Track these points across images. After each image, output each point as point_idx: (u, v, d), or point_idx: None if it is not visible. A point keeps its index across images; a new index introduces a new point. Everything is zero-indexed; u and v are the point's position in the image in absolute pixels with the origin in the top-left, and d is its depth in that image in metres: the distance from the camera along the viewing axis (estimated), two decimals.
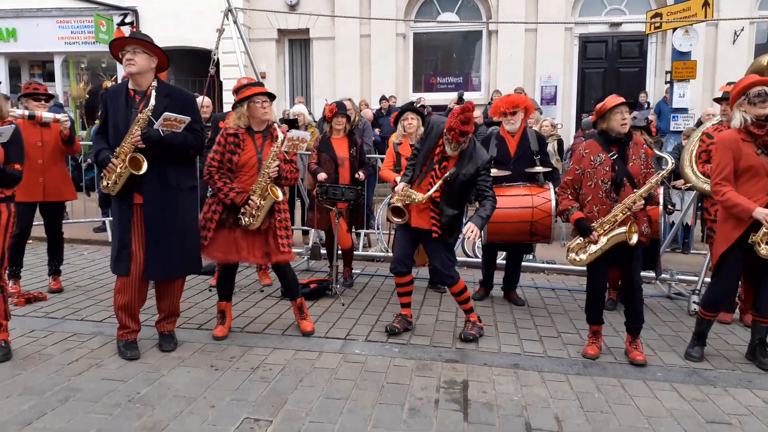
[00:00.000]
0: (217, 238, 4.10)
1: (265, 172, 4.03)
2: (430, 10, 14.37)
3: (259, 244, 4.15)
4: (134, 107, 3.73)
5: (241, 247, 4.10)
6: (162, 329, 4.08)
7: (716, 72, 12.74)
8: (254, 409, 3.18)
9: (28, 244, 5.35)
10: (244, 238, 4.10)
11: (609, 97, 3.97)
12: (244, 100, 4.10)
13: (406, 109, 5.72)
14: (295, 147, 4.17)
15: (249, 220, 4.03)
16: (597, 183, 3.91)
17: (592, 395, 3.48)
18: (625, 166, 3.88)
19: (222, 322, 4.34)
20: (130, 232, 3.78)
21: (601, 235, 3.86)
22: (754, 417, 3.25)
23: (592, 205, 3.94)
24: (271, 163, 4.04)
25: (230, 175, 4.10)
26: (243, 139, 4.10)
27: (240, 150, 4.08)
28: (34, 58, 15.50)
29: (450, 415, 3.19)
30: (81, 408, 3.14)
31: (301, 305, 4.44)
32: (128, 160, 3.64)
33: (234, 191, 4.02)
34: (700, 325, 4.11)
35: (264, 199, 4.02)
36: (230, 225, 4.10)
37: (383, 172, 5.78)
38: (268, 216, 4.12)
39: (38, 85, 5.39)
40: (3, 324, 3.82)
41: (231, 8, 6.83)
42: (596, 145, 3.97)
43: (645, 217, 3.97)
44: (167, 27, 14.05)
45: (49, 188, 5.17)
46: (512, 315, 5.02)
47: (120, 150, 3.68)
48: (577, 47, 14.00)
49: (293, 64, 15.17)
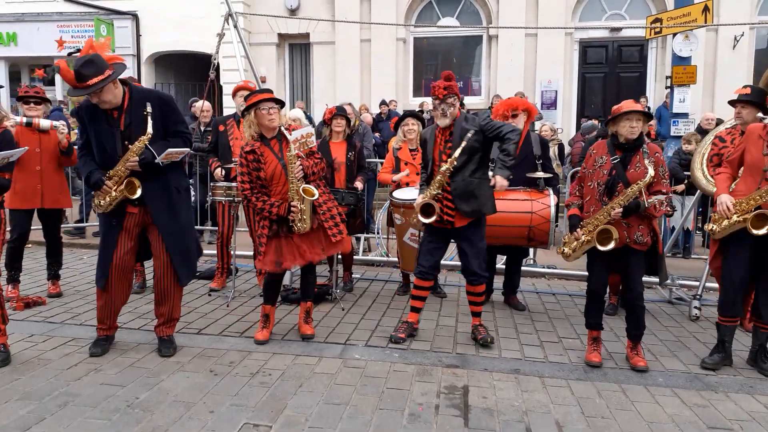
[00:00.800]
0: (273, 248, 4.17)
1: (291, 178, 4.07)
2: (430, 14, 14.40)
3: (316, 242, 4.24)
4: (116, 126, 3.72)
5: (304, 251, 4.18)
6: (161, 334, 4.07)
7: (716, 77, 12.77)
8: (254, 415, 3.16)
9: (26, 248, 5.34)
10: (303, 241, 4.17)
11: (625, 102, 3.93)
12: (250, 107, 4.10)
13: (407, 114, 5.74)
14: (304, 144, 4.20)
15: (300, 225, 4.09)
16: (594, 185, 3.93)
17: (593, 401, 3.47)
18: (624, 171, 3.85)
19: (265, 325, 4.34)
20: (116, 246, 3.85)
21: (583, 234, 3.92)
22: (756, 423, 3.24)
23: (590, 205, 3.97)
24: (294, 166, 4.07)
25: (264, 191, 4.14)
26: (262, 152, 4.11)
27: (263, 164, 4.10)
28: (34, 62, 15.51)
29: (450, 420, 3.17)
30: (80, 413, 3.13)
31: (310, 309, 4.50)
32: (125, 185, 3.73)
33: (274, 206, 4.07)
34: (719, 332, 4.09)
35: (302, 202, 4.07)
36: (285, 234, 4.15)
37: (381, 175, 5.79)
38: (314, 213, 4.19)
39: (29, 89, 5.36)
40: (1, 328, 3.78)
41: (231, 13, 6.85)
42: (604, 147, 3.98)
43: (642, 226, 3.86)
44: (167, 31, 14.11)
45: (47, 195, 5.16)
46: (513, 320, 5.01)
47: (114, 173, 3.73)
48: (578, 52, 14.03)
49: (293, 68, 15.21)
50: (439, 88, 4.12)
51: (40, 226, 5.38)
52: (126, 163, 3.70)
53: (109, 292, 3.92)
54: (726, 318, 4.03)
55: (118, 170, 3.73)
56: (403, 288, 5.81)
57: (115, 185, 3.74)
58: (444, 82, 4.13)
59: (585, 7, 13.84)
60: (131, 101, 3.71)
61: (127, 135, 3.72)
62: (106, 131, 3.72)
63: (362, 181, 5.67)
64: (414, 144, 5.61)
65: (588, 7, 13.85)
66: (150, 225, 3.91)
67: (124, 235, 3.89)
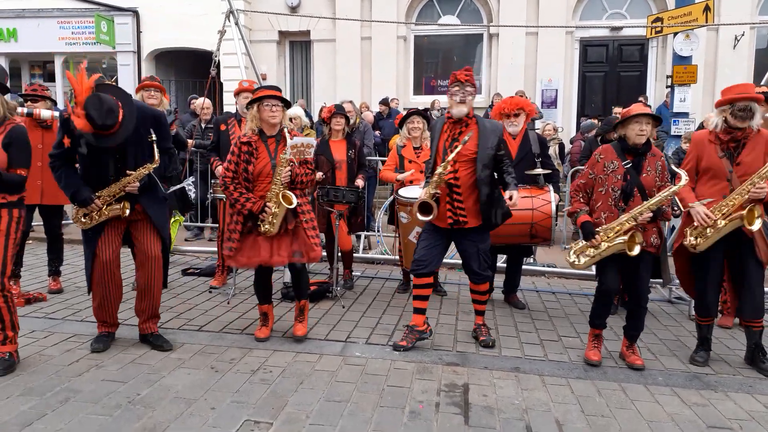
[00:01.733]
0: (242, 245, 4.11)
1: (277, 180, 4.02)
2: (431, 12, 14.39)
3: (285, 245, 4.12)
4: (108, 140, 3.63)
5: (263, 249, 4.07)
6: (148, 331, 4.08)
7: (717, 76, 12.78)
8: (254, 412, 3.17)
9: (27, 244, 5.35)
10: (267, 240, 4.08)
11: (634, 105, 3.95)
12: (254, 101, 4.08)
13: (412, 112, 5.73)
14: (301, 154, 4.08)
15: (267, 227, 4.03)
16: (608, 190, 3.88)
17: (593, 399, 3.48)
18: (638, 176, 3.83)
19: (265, 323, 4.36)
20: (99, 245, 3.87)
21: (603, 241, 3.85)
22: (755, 422, 3.25)
23: (601, 211, 3.92)
24: (283, 169, 4.01)
25: (247, 185, 4.08)
26: (257, 147, 4.07)
27: (254, 159, 4.06)
28: (34, 58, 15.51)
29: (451, 418, 3.18)
30: (81, 409, 3.13)
31: (304, 307, 4.41)
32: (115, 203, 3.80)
33: (250, 201, 4.02)
34: (700, 330, 4.16)
35: (278, 207, 4.00)
36: (252, 231, 4.11)
37: (384, 173, 5.79)
38: (294, 217, 4.10)
39: (35, 86, 5.36)
40: (9, 335, 3.63)
41: (232, 10, 6.85)
42: (612, 152, 3.93)
43: (654, 228, 3.90)
44: (168, 28, 14.10)
45: (47, 191, 5.15)
46: (513, 318, 5.02)
47: (108, 192, 3.77)
48: (578, 51, 14.03)
49: (294, 65, 15.19)
50: (461, 72, 4.08)
51: (40, 222, 5.38)
52: (125, 186, 3.76)
53: (101, 292, 3.92)
54: (706, 319, 4.11)
55: (112, 190, 3.77)
56: (403, 286, 5.81)
57: (104, 204, 3.79)
58: (465, 70, 4.12)
59: (586, 6, 13.84)
60: (125, 119, 3.61)
61: (121, 150, 3.72)
62: (98, 148, 3.63)
63: (363, 179, 5.68)
64: (418, 142, 5.62)
65: (589, 6, 13.85)
66: (139, 222, 3.92)
67: (110, 232, 3.90)
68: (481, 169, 4.05)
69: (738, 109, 3.81)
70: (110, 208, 3.80)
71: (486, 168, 4.06)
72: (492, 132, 4.11)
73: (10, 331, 3.62)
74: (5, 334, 3.60)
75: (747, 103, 3.80)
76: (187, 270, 6.28)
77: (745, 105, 3.79)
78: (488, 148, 4.06)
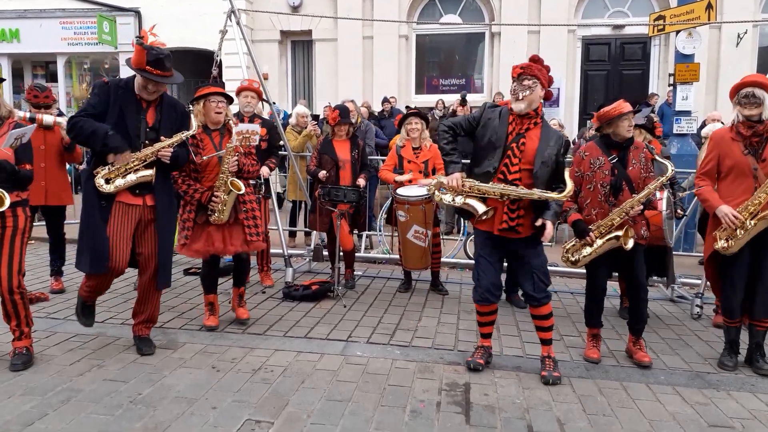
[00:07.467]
0: (196, 236, 4.31)
1: (225, 168, 4.20)
2: (432, 11, 14.37)
3: (236, 235, 4.36)
4: (143, 114, 3.83)
5: (217, 240, 4.31)
6: (140, 333, 4.06)
7: (719, 75, 12.72)
8: (256, 411, 3.17)
9: (29, 244, 5.34)
10: (218, 231, 4.32)
11: (618, 103, 3.86)
12: (200, 98, 4.33)
13: (410, 113, 5.73)
14: (247, 141, 4.26)
15: (218, 215, 4.23)
16: (596, 186, 3.90)
17: (595, 398, 3.47)
18: (625, 170, 3.87)
19: (212, 312, 4.57)
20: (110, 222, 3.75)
21: (597, 237, 3.86)
22: (757, 421, 3.24)
23: (591, 208, 3.93)
24: (230, 158, 4.20)
25: (195, 175, 4.31)
26: (201, 139, 4.31)
27: (201, 150, 4.28)
28: (36, 58, 15.51)
29: (452, 417, 3.18)
30: (82, 409, 3.14)
31: (242, 294, 4.74)
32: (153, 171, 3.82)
33: (198, 191, 4.23)
34: (728, 333, 4.07)
35: (227, 194, 4.20)
36: (204, 222, 4.30)
37: (383, 173, 5.79)
38: (235, 209, 4.33)
39: (39, 92, 5.29)
40: (25, 331, 3.72)
41: (234, 10, 6.83)
42: (596, 149, 3.96)
43: (643, 220, 3.96)
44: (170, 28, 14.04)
45: (50, 192, 5.18)
46: (514, 317, 5.01)
47: (141, 155, 3.77)
48: (580, 49, 13.98)
49: (296, 65, 15.18)
50: (517, 66, 3.67)
51: (40, 222, 5.39)
52: (158, 150, 3.77)
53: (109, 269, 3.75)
54: (734, 321, 4.01)
55: (145, 152, 3.77)
56: (404, 285, 5.81)
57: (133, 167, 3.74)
58: (525, 63, 3.70)
59: (588, 4, 13.79)
60: (163, 101, 3.90)
61: (155, 129, 3.86)
62: (134, 119, 3.79)
63: (365, 179, 5.68)
64: (417, 142, 5.61)
65: (591, 4, 13.80)
66: (146, 222, 3.89)
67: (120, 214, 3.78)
68: (539, 165, 3.59)
69: (742, 96, 3.78)
70: (139, 174, 3.74)
71: (545, 165, 3.60)
72: (555, 133, 3.72)
73: (26, 326, 3.74)
74: (21, 330, 3.72)
75: (750, 89, 3.76)
76: (188, 269, 6.29)
77: (748, 91, 3.76)
78: (549, 146, 3.61)
